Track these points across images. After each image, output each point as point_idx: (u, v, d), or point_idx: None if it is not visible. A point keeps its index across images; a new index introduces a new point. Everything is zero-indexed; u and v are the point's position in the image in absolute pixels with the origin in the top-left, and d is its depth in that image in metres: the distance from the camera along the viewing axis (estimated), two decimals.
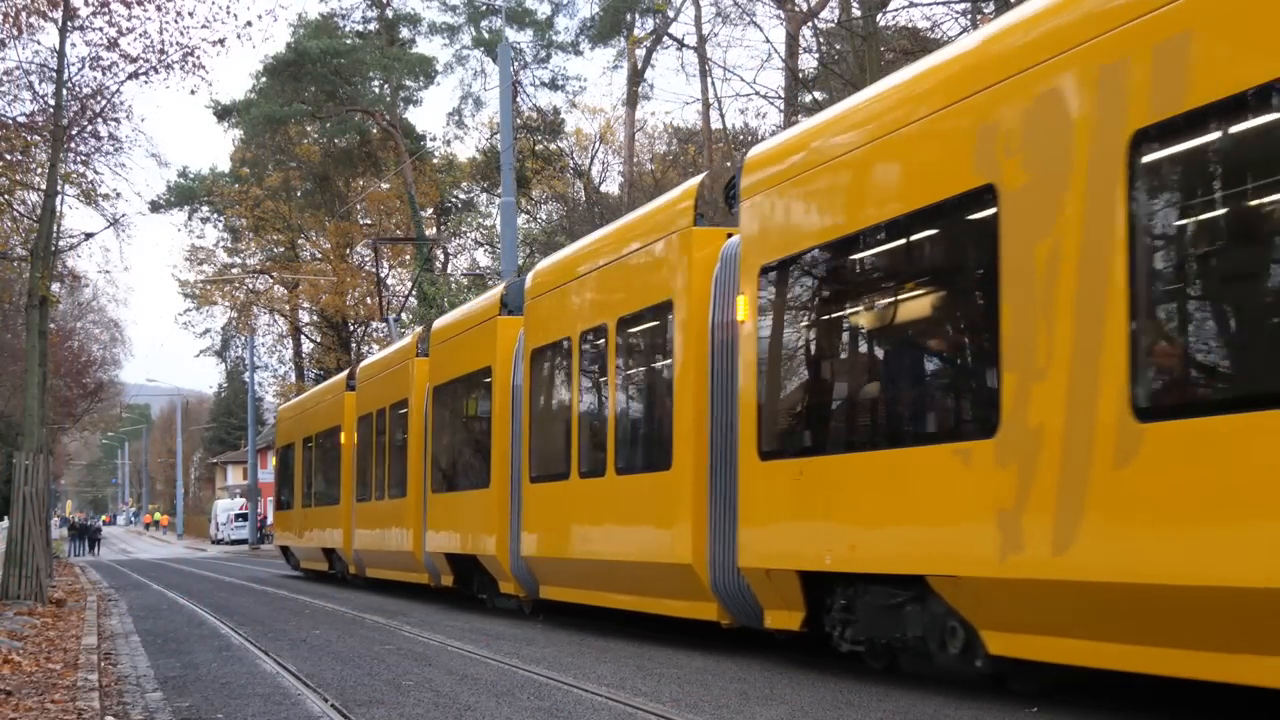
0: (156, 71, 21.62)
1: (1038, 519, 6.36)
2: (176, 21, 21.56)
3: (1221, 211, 5.80)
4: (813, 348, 8.77)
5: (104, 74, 22.11)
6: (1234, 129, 5.58)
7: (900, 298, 7.80)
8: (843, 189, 8.27)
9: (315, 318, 57.22)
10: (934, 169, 7.40)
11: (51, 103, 21.91)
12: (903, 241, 7.79)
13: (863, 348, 8.41)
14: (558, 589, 12.49)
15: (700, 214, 10.17)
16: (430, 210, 53.42)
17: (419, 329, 20.11)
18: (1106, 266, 6.01)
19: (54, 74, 21.81)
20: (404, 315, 48.66)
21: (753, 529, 8.90)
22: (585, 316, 11.96)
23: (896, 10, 28.45)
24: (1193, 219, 5.95)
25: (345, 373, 24.56)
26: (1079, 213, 6.21)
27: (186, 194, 55.45)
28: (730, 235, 9.89)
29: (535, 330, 13.11)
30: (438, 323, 17.79)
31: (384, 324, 44.43)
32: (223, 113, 50.30)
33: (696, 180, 10.54)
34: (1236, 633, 5.50)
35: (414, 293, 47.15)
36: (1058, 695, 7.19)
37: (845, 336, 8.47)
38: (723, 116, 34.09)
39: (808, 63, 31.73)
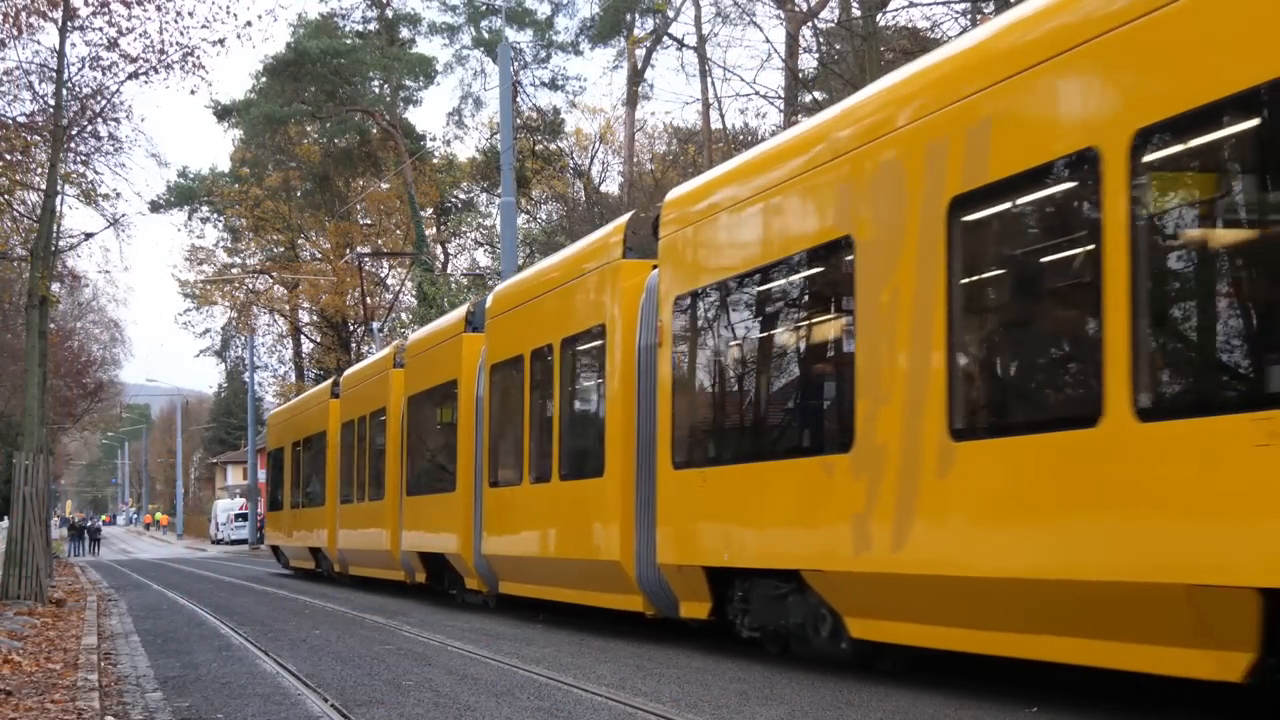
0: (156, 71, 21.60)
1: (881, 521, 7.62)
2: (176, 21, 21.55)
3: (1015, 267, 7.24)
4: (712, 370, 10.03)
5: (104, 74, 22.09)
6: (1021, 199, 6.94)
7: (780, 330, 9.31)
8: (737, 233, 9.68)
9: (315, 318, 57.18)
10: (807, 220, 8.78)
11: (51, 103, 21.90)
12: (782, 282, 9.17)
13: (751, 372, 9.71)
14: (514, 584, 13.78)
15: (629, 247, 11.37)
16: (430, 210, 53.39)
17: (397, 341, 21.65)
18: (931, 310, 7.28)
19: (54, 74, 21.80)
20: (403, 315, 48.81)
21: (668, 529, 10.21)
22: (535, 336, 13.18)
23: (896, 10, 28.42)
24: (993, 273, 7.43)
25: (330, 381, 25.76)
26: (912, 263, 7.49)
27: (186, 194, 55.40)
28: (655, 267, 10.90)
29: (495, 347, 14.43)
30: (412, 337, 19.65)
31: (379, 326, 45.08)
32: (223, 113, 50.28)
33: (626, 217, 11.80)
34: (1031, 616, 6.69)
35: (412, 294, 47.21)
36: (1051, 692, 7.19)
37: (738, 361, 9.82)
38: (723, 116, 34.15)
39: (808, 63, 31.73)
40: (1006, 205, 7.08)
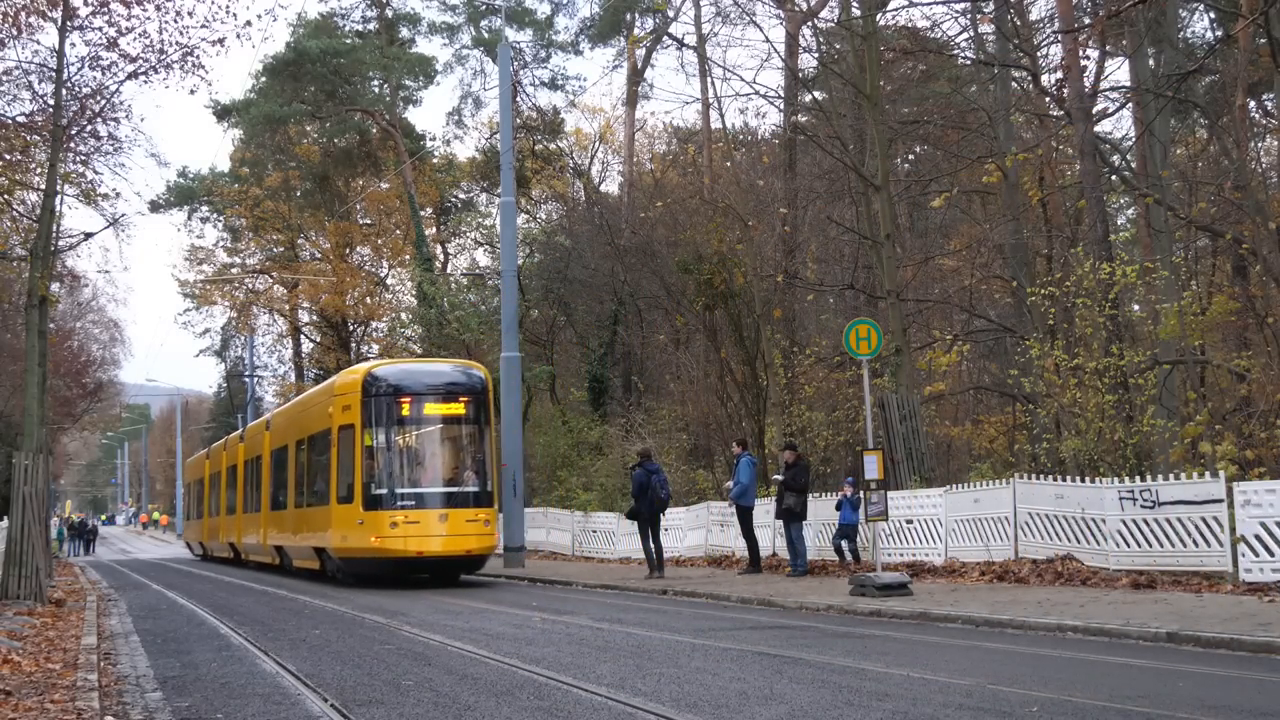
0: (156, 71, 21.61)
1: (263, 531, 28.63)
2: (176, 21, 21.59)
3: (276, 469, 27.64)
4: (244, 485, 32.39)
5: (103, 74, 22.11)
6: (282, 453, 27.39)
7: (263, 467, 29.23)
8: (283, 427, 27.44)
9: (315, 318, 57.14)
10: (259, 446, 29.99)
11: (51, 103, 21.90)
12: (268, 453, 28.60)
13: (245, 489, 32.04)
14: (251, 557, 31.62)
15: (241, 438, 33.64)
16: (430, 210, 53.35)
17: (238, 432, 37.85)
18: (262, 476, 29.16)
19: (53, 74, 21.80)
20: (403, 315, 48.84)
21: (247, 534, 31.57)
22: (228, 460, 34.54)
23: (896, 10, 28.45)
24: (273, 470, 28.15)
25: (205, 450, 44.85)
26: (267, 463, 28.56)
27: (186, 194, 55.36)
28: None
29: (250, 448, 31.77)
30: (259, 420, 34.31)
31: (384, 324, 46.27)
32: (223, 113, 50.24)
33: (267, 415, 31.96)
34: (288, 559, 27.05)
35: (413, 294, 47.23)
36: (1050, 691, 7.20)
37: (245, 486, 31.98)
38: (722, 116, 34.20)
39: (807, 62, 31.73)
40: (280, 454, 26.91)
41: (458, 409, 21.17)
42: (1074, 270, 19.34)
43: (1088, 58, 22.99)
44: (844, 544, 18.69)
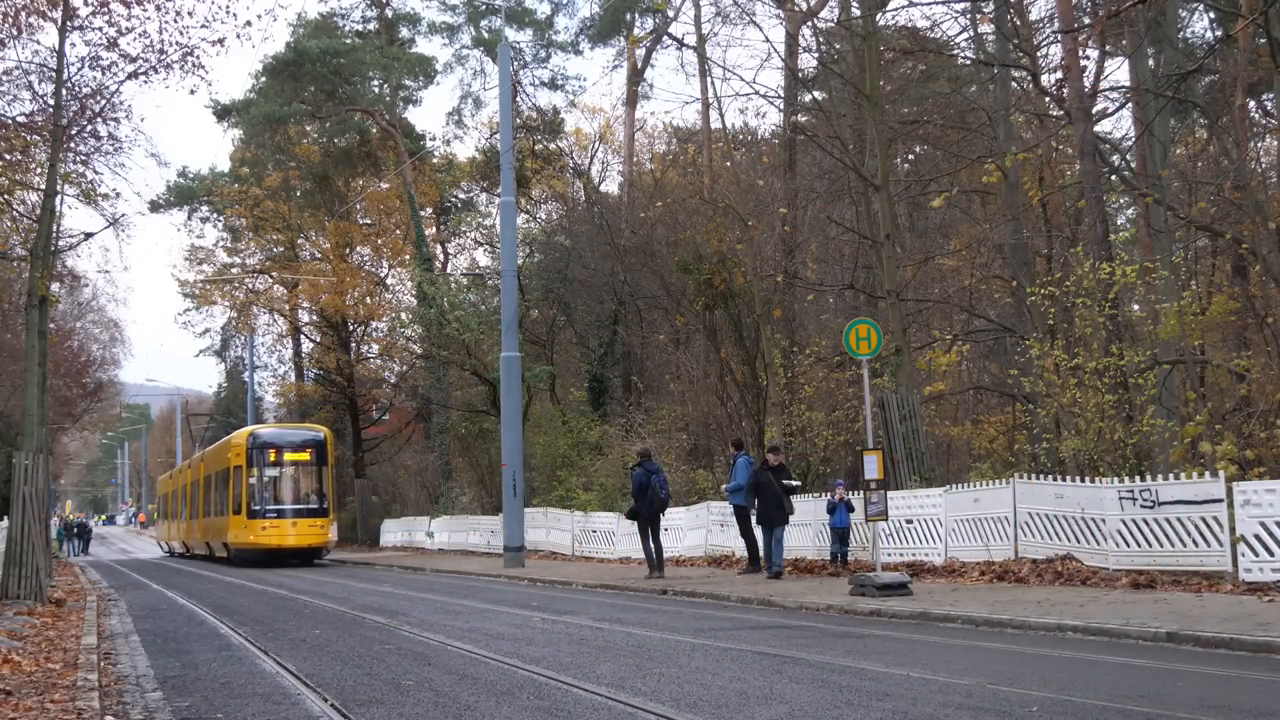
0: (156, 71, 21.62)
1: (204, 535, 41.34)
2: (176, 21, 21.65)
3: (208, 489, 40.19)
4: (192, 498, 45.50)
5: (103, 74, 22.12)
6: (207, 478, 41.44)
7: (199, 487, 42.60)
8: (209, 462, 40.77)
9: (315, 318, 57.07)
10: (211, 463, 40.50)
11: (51, 103, 21.90)
12: (201, 478, 41.73)
13: (194, 500, 44.53)
14: (196, 550, 44.01)
15: (203, 459, 42.69)
16: (430, 210, 53.29)
17: (189, 460, 49.96)
18: (201, 490, 41.53)
19: (53, 74, 21.80)
20: (403, 315, 48.87)
21: (198, 535, 43.85)
22: (182, 480, 48.49)
23: (896, 10, 28.45)
24: (202, 490, 41.59)
25: (169, 472, 56.97)
26: (203, 485, 41.17)
27: (186, 194, 55.29)
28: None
29: (192, 475, 45.27)
30: (196, 455, 46.59)
31: (384, 324, 47.26)
32: (222, 113, 50.17)
33: (203, 450, 45.34)
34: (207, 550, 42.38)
35: (413, 294, 47.27)
36: (1050, 692, 7.21)
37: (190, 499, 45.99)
38: (722, 116, 34.15)
39: (807, 62, 31.73)
40: (208, 480, 39.74)
41: (305, 456, 34.29)
42: (1074, 270, 19.34)
43: (1087, 58, 23.01)
44: (840, 548, 18.67)
